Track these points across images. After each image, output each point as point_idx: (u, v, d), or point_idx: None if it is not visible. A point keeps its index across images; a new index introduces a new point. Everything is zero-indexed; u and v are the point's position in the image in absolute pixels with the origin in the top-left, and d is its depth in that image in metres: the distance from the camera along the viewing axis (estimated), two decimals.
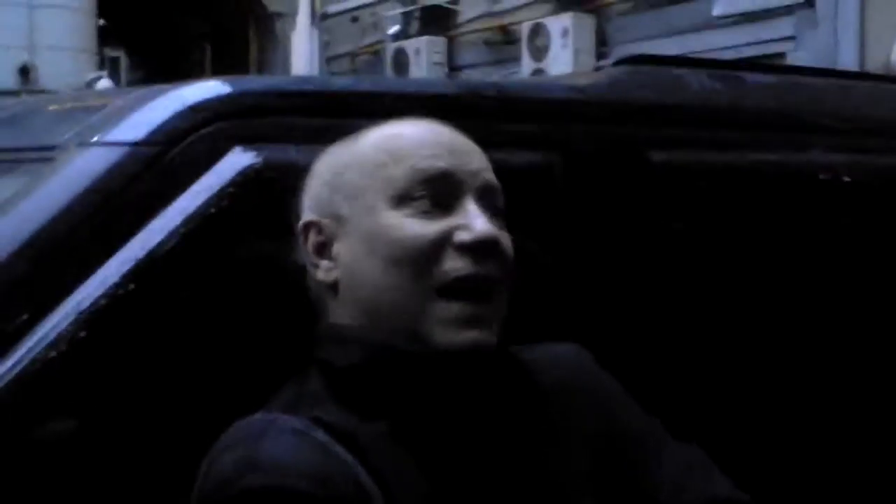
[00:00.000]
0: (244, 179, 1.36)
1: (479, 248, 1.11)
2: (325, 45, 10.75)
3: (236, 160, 1.37)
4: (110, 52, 11.87)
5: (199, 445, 1.13)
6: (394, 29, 9.92)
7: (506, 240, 1.15)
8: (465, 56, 9.58)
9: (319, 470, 1.05)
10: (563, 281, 1.57)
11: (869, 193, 1.89)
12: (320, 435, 1.08)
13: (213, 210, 1.33)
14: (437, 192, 1.13)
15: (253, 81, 1.46)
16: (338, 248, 1.17)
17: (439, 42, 9.60)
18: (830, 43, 6.45)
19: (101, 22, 11.26)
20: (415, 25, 9.86)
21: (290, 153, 1.39)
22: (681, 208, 1.71)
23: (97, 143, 1.37)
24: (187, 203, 1.33)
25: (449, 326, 1.12)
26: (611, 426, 1.23)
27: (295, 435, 1.08)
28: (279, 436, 1.08)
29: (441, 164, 1.14)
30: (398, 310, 1.13)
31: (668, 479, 1.20)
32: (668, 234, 1.67)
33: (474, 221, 1.12)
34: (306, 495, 1.03)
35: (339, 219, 1.17)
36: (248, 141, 1.38)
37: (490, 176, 1.17)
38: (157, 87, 1.47)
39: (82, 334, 1.23)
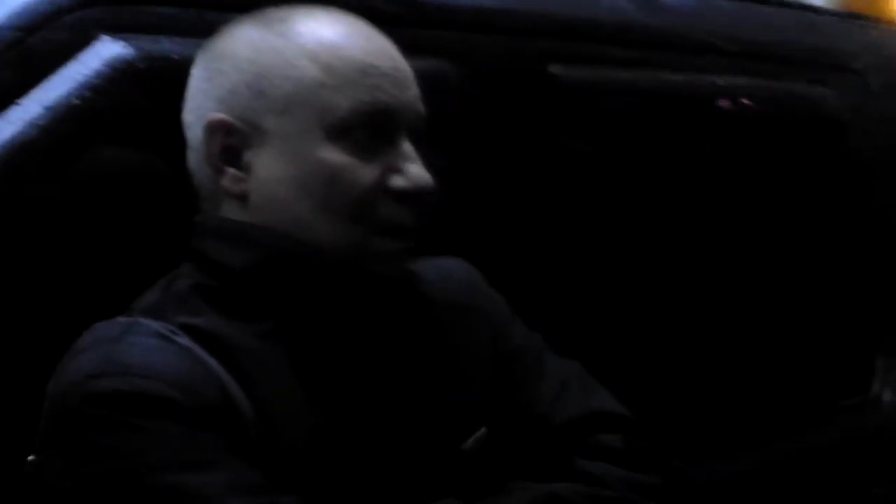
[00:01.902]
0: (112, 71, 1.26)
1: (415, 197, 1.06)
2: None
3: (103, 49, 1.26)
4: None
5: (49, 356, 1.05)
6: None
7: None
8: None
9: (182, 375, 0.97)
10: (455, 196, 1.52)
11: (763, 118, 1.87)
12: (184, 340, 1.01)
13: (76, 102, 1.23)
14: (375, 126, 1.06)
15: None
16: (251, 158, 1.07)
17: None
18: None
19: None
20: None
21: (164, 45, 1.30)
22: (577, 124, 1.66)
23: None
24: (48, 93, 1.22)
25: (378, 259, 1.07)
26: (497, 343, 1.19)
27: (156, 338, 1.00)
28: (138, 339, 0.99)
29: (385, 97, 1.06)
30: (323, 242, 1.05)
31: (546, 394, 1.16)
32: (562, 150, 1.62)
33: (410, 166, 1.07)
34: (166, 400, 0.95)
35: (257, 128, 1.06)
36: (117, 30, 1.28)
37: (421, 106, 1.11)
38: None
39: None
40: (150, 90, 1.27)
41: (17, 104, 1.21)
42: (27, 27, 1.24)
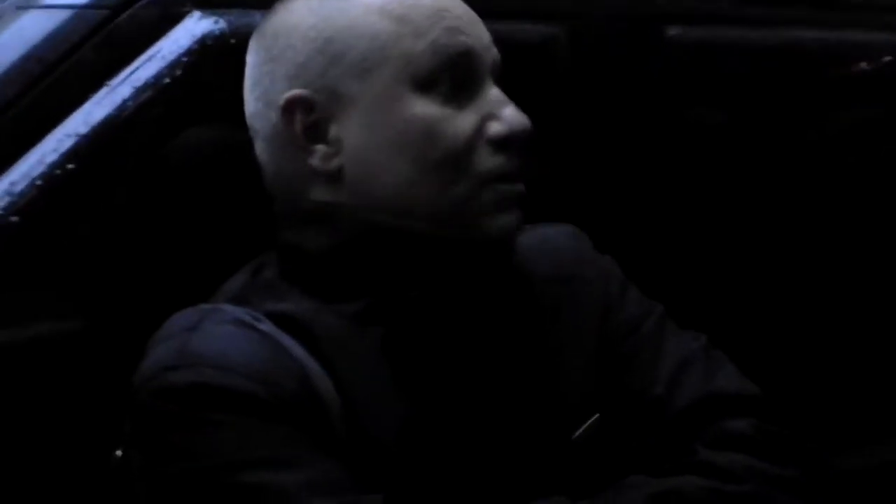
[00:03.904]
0: (202, 48, 1.22)
1: (515, 141, 0.99)
2: None
3: (193, 26, 1.23)
4: None
5: (140, 338, 1.01)
6: None
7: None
8: None
9: (260, 366, 0.91)
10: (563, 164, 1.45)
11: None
12: (267, 326, 0.95)
13: (167, 81, 1.20)
14: (460, 72, 0.99)
15: None
16: (338, 130, 1.00)
17: None
18: None
19: None
20: None
21: (255, 20, 1.25)
22: (693, 87, 1.56)
23: (38, 6, 1.24)
24: (138, 73, 1.20)
25: (491, 212, 1.00)
26: (609, 314, 1.10)
27: (234, 325, 0.94)
28: (214, 326, 0.94)
29: (464, 38, 1.00)
30: (432, 204, 0.99)
31: (664, 373, 1.05)
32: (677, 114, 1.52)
33: (505, 110, 1.00)
34: (242, 394, 0.89)
35: (338, 96, 1.00)
36: (206, 5, 1.24)
37: (496, 50, 1.04)
38: None
39: (14, 219, 1.11)
40: (242, 67, 1.22)
41: (107, 86, 1.18)
42: (115, 4, 1.22)
